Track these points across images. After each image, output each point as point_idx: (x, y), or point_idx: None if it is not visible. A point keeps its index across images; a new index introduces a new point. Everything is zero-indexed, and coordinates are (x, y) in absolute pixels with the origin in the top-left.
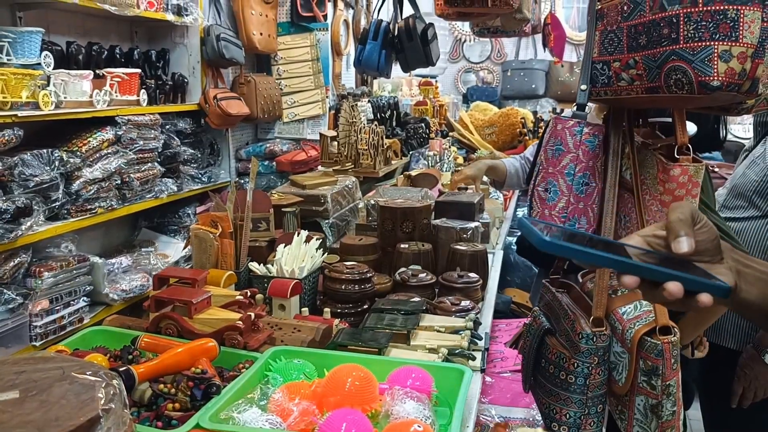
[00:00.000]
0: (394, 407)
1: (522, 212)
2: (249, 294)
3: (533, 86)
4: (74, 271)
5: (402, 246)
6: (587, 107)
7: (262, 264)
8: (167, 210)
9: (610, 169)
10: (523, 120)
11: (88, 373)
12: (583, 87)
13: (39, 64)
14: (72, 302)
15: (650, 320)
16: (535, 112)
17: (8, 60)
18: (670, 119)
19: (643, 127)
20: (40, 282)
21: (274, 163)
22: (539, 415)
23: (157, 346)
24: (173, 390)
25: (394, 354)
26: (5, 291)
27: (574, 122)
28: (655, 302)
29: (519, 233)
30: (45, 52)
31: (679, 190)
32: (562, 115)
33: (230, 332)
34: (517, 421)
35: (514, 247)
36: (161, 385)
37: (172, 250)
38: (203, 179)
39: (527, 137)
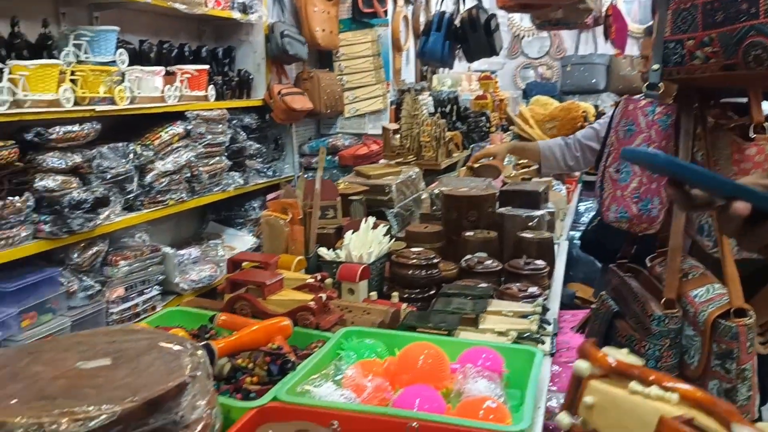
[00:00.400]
0: (466, 385)
1: (585, 206)
2: (319, 278)
3: (593, 81)
4: (147, 261)
5: (467, 234)
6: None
7: (330, 249)
8: (233, 203)
9: (681, 150)
10: (584, 113)
11: (174, 343)
12: (655, 67)
13: (114, 61)
14: (145, 290)
15: (724, 303)
16: (596, 106)
17: (86, 57)
18: (741, 99)
19: (715, 108)
20: (116, 270)
21: (337, 157)
22: None
23: (234, 324)
24: (251, 365)
25: (464, 337)
26: (84, 278)
27: (646, 102)
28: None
29: (582, 228)
30: (120, 50)
31: (755, 169)
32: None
33: (303, 312)
34: None
35: (578, 242)
36: (239, 360)
37: (239, 242)
38: (268, 173)
39: None
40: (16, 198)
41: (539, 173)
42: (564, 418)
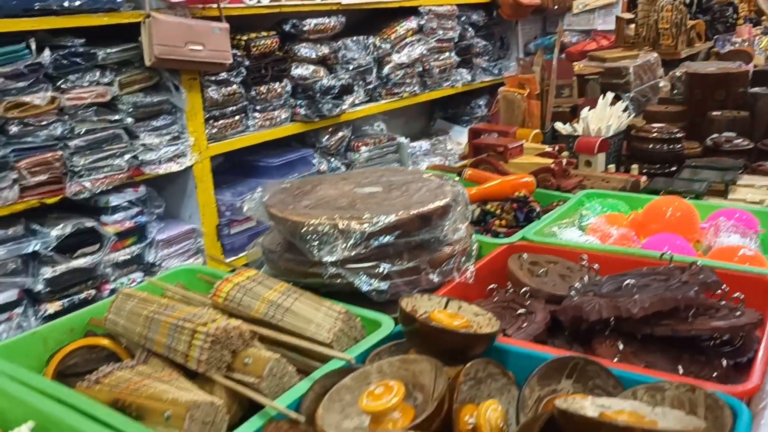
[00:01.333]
0: (717, 239)
1: None
2: (556, 149)
3: None
4: (384, 149)
5: (714, 113)
6: None
7: (566, 124)
8: (460, 101)
9: None
10: None
11: (434, 177)
12: None
13: None
14: None
15: None
16: None
17: None
18: None
19: None
20: (357, 155)
21: (563, 55)
22: None
23: (480, 178)
24: (499, 210)
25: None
26: (332, 160)
27: None
28: None
29: None
30: None
31: None
32: None
33: (544, 174)
34: None
35: None
36: (488, 206)
37: (465, 138)
38: (493, 71)
39: None
40: (277, 84)
41: None
42: None
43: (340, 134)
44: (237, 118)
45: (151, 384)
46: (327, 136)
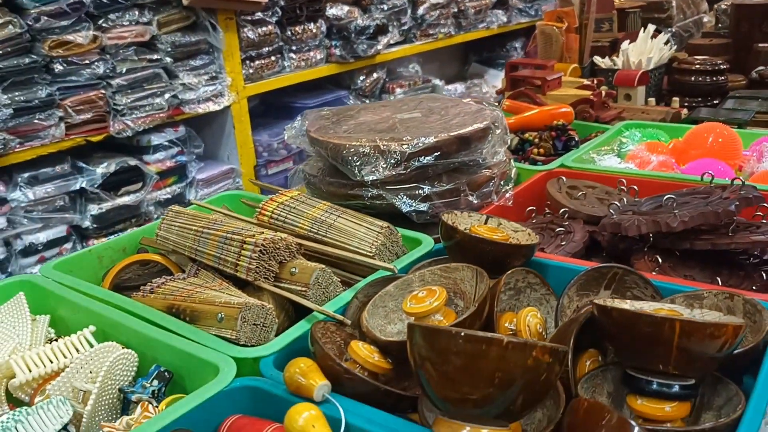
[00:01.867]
0: (761, 165)
1: None
2: (595, 82)
3: None
4: (419, 91)
5: (761, 45)
6: None
7: (606, 57)
8: (495, 44)
9: None
10: None
11: (473, 103)
12: None
13: None
14: None
15: None
16: None
17: None
18: None
19: None
20: (392, 97)
21: None
22: None
23: (518, 109)
24: (537, 139)
25: None
26: (367, 102)
27: None
28: None
29: None
30: None
31: None
32: None
33: (582, 105)
34: None
35: None
36: (526, 134)
37: (500, 82)
38: (530, 12)
39: None
40: (312, 24)
41: None
42: None
43: (375, 76)
44: (273, 58)
45: (204, 292)
46: (362, 78)
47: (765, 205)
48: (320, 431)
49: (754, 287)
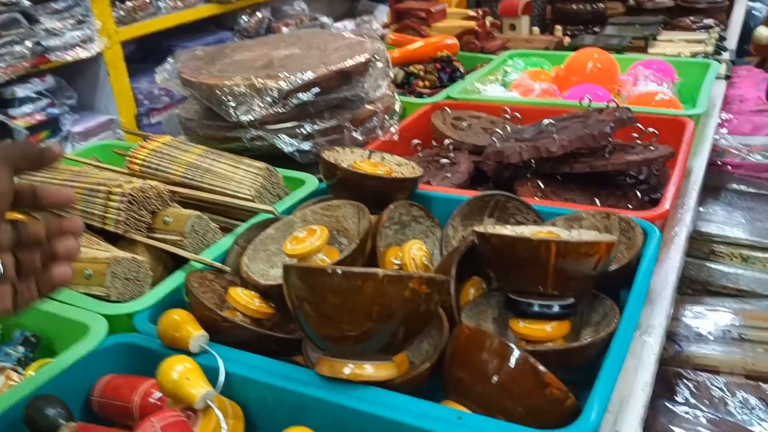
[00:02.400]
0: (636, 88)
1: None
2: (480, 13)
3: None
4: (307, 29)
5: None
6: None
7: None
8: None
9: None
10: None
11: (353, 36)
12: None
13: None
14: None
15: None
16: None
17: None
18: None
19: None
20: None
21: None
22: None
23: (403, 41)
24: (422, 72)
25: None
26: None
27: None
28: None
29: None
30: None
31: None
32: None
33: (467, 36)
34: (759, 146)
35: None
36: (411, 67)
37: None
38: None
39: None
40: None
41: None
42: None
43: (259, 15)
44: None
45: None
46: (245, 18)
47: (640, 126)
48: (194, 383)
49: (630, 205)
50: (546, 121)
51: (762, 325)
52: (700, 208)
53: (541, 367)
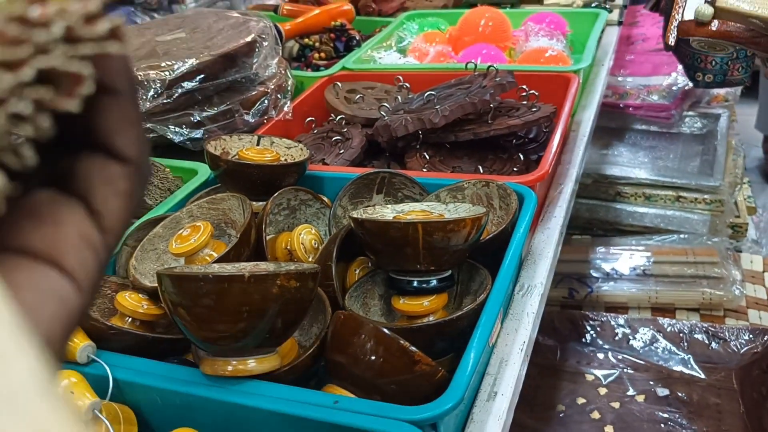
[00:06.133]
0: (527, 44)
1: None
2: None
3: None
4: (215, 2)
5: None
6: None
7: None
8: None
9: None
10: None
11: (238, 15)
12: None
13: None
14: None
15: None
16: None
17: None
18: None
19: None
20: (184, 7)
21: None
22: (682, 76)
23: (299, 12)
24: (317, 43)
25: None
26: (156, 16)
27: None
28: None
29: None
30: None
31: None
32: None
33: (364, 1)
34: (657, 86)
35: None
36: (306, 39)
37: None
38: None
39: None
40: None
41: None
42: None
43: None
44: None
45: None
46: None
47: (524, 87)
48: (79, 396)
49: (515, 168)
50: (427, 92)
51: (664, 260)
52: (607, 151)
53: (411, 347)
